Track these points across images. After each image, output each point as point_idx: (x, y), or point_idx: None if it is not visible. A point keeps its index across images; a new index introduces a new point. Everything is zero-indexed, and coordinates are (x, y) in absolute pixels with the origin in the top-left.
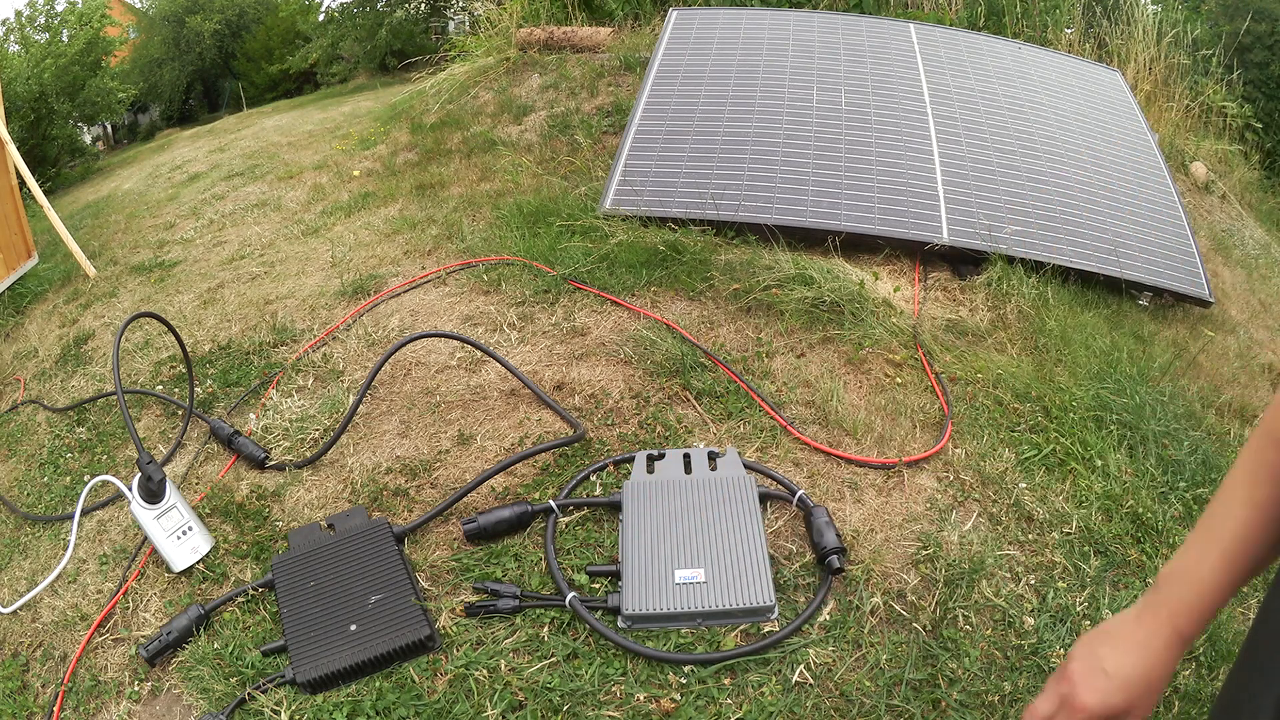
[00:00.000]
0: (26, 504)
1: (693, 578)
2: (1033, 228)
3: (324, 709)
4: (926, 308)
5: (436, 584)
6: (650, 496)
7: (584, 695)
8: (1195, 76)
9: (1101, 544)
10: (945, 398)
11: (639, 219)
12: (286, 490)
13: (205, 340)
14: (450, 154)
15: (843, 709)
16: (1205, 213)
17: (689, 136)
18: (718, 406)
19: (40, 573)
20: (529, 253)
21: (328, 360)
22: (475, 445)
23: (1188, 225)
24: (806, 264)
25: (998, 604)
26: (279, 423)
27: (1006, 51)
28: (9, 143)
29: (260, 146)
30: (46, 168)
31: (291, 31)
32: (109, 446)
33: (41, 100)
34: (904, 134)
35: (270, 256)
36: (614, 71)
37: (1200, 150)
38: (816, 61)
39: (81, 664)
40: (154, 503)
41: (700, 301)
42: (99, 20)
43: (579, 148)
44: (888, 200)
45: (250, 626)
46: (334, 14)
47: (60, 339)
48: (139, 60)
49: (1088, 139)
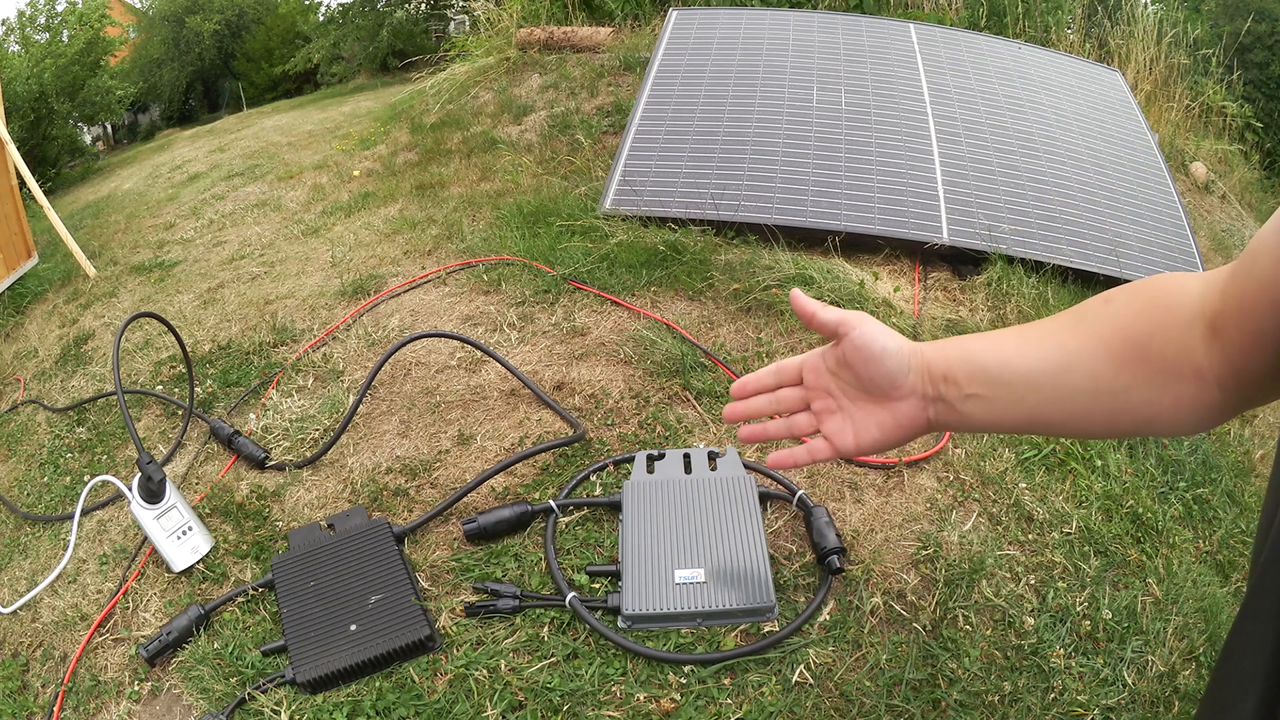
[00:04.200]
0: (26, 504)
1: (693, 578)
2: (1032, 228)
3: (324, 709)
4: (926, 308)
5: (436, 584)
6: (650, 496)
7: (584, 695)
8: (1195, 76)
9: (1101, 544)
10: None
11: (639, 219)
12: (286, 490)
13: (205, 340)
14: (450, 154)
15: (843, 709)
16: (1205, 213)
17: (689, 136)
18: (718, 406)
19: (40, 573)
20: (529, 253)
21: (328, 360)
22: (475, 445)
23: (1188, 225)
24: (806, 264)
25: (998, 604)
26: (279, 423)
27: (1006, 51)
28: (9, 143)
29: (260, 146)
30: (46, 168)
31: (291, 32)
32: (109, 446)
33: (41, 100)
34: (904, 134)
35: (270, 256)
36: (614, 71)
37: (1200, 150)
38: (816, 61)
39: (81, 664)
40: (154, 503)
41: (700, 301)
42: (99, 20)
43: (579, 148)
44: (888, 200)
45: (250, 626)
46: (334, 14)
47: (60, 339)
48: (139, 60)
49: (1088, 139)
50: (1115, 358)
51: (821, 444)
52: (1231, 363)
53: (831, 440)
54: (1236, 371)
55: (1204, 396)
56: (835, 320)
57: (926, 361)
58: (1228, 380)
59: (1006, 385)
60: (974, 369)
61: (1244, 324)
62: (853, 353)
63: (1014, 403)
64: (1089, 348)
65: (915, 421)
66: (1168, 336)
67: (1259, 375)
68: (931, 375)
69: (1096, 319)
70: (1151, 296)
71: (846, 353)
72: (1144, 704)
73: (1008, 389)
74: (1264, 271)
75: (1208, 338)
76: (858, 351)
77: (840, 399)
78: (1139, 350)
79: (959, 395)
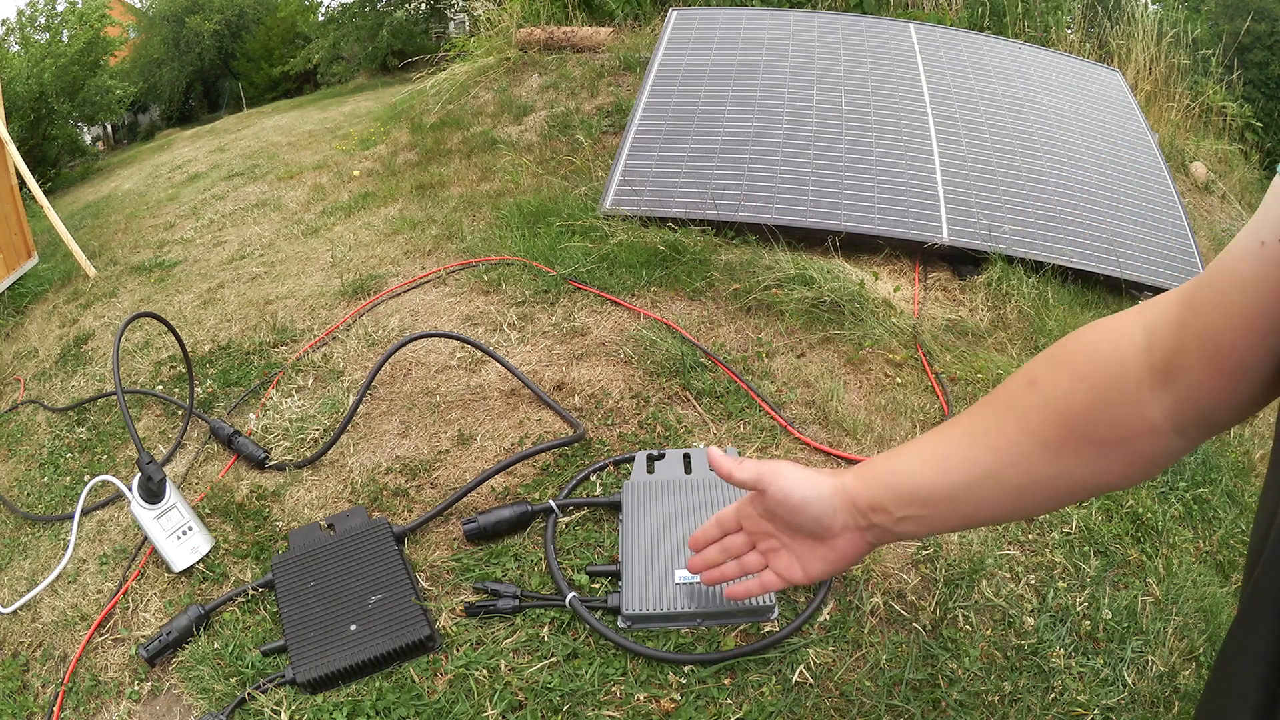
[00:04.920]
0: (26, 504)
1: (693, 578)
2: (1032, 227)
3: (324, 709)
4: (926, 308)
5: (436, 584)
6: (650, 496)
7: (584, 695)
8: (1195, 76)
9: (1101, 544)
10: (945, 398)
11: (639, 219)
12: (286, 490)
13: (205, 340)
14: (450, 154)
15: (843, 709)
16: (1205, 213)
17: (689, 136)
18: (718, 406)
19: (40, 573)
20: (529, 253)
21: (328, 360)
22: (475, 445)
23: (1188, 225)
24: (806, 264)
25: (998, 604)
26: (279, 423)
27: (1006, 51)
28: (9, 143)
29: (260, 146)
30: (46, 168)
31: (291, 32)
32: (109, 446)
33: (41, 100)
34: (904, 134)
35: (270, 256)
36: (614, 71)
37: (1200, 150)
38: (816, 61)
39: (81, 664)
40: (154, 503)
41: (700, 301)
42: (99, 20)
43: (579, 148)
44: (888, 200)
45: (250, 626)
46: (334, 14)
47: (60, 339)
48: (139, 60)
49: (1088, 139)
50: (1050, 446)
51: (771, 576)
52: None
53: (782, 575)
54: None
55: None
56: (752, 477)
57: (851, 498)
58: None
59: (937, 503)
60: (900, 495)
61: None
62: (775, 505)
63: (949, 514)
64: (1018, 444)
65: (856, 548)
66: (1110, 402)
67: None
68: (859, 509)
69: (1024, 409)
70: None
71: (769, 505)
72: (1144, 704)
73: (940, 505)
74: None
75: (1160, 386)
76: (779, 505)
77: (781, 537)
78: (1078, 430)
79: (891, 520)
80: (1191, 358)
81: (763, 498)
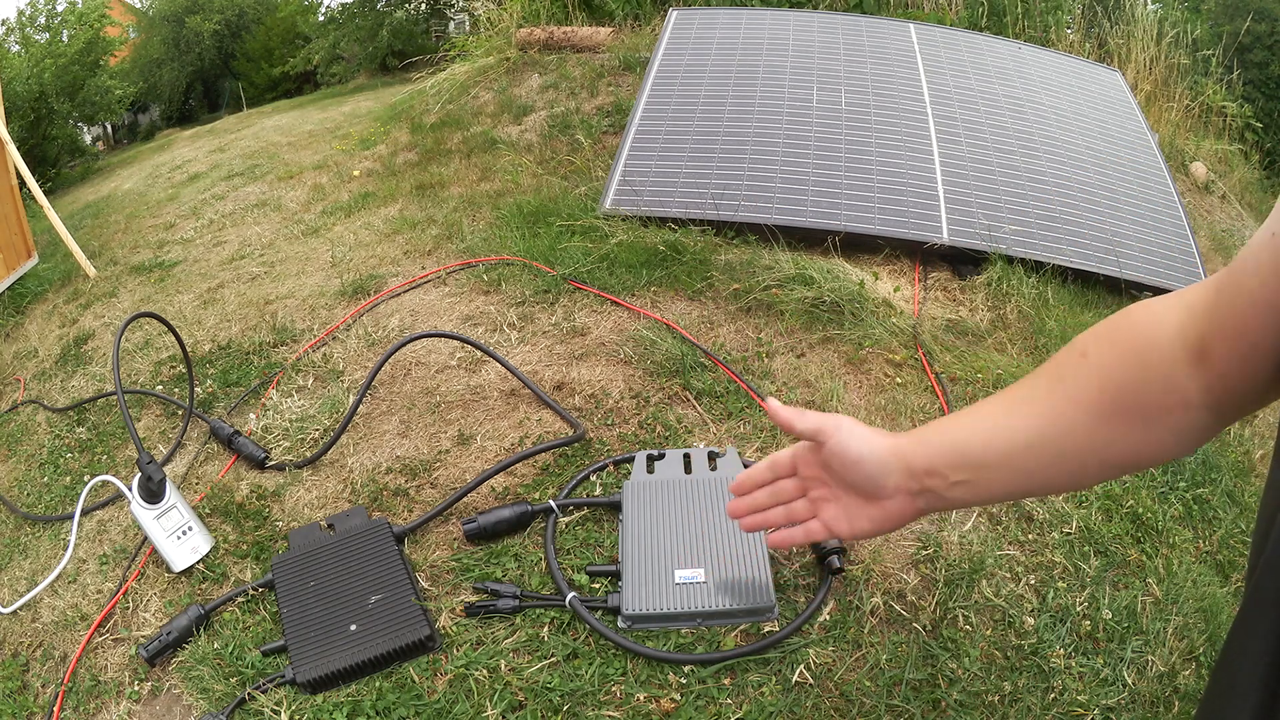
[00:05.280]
0: (26, 504)
1: (693, 578)
2: (1032, 227)
3: (324, 709)
4: (926, 308)
5: (436, 584)
6: (650, 496)
7: (584, 695)
8: (1195, 76)
9: (1101, 544)
10: (945, 398)
11: (639, 219)
12: (286, 490)
13: (205, 340)
14: (450, 154)
15: (843, 709)
16: (1205, 213)
17: (689, 136)
18: (718, 406)
19: (40, 573)
20: (529, 253)
21: (328, 360)
22: (475, 445)
23: (1188, 225)
24: (806, 264)
25: (998, 604)
26: (279, 423)
27: (1006, 51)
28: (9, 143)
29: (260, 146)
30: (46, 168)
31: (291, 32)
32: (109, 446)
33: (41, 100)
34: (904, 134)
35: (270, 256)
36: (614, 71)
37: (1200, 150)
38: (816, 61)
39: (81, 664)
40: (154, 503)
41: (700, 301)
42: (99, 20)
43: (579, 148)
44: (888, 200)
45: (250, 626)
46: (334, 14)
47: (60, 339)
48: (139, 60)
49: (1088, 139)
50: (1100, 416)
51: (817, 525)
52: (1224, 383)
53: (828, 526)
54: (1230, 391)
55: (1192, 423)
56: (813, 428)
57: (907, 461)
58: (1219, 402)
59: (991, 466)
60: (957, 458)
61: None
62: (831, 458)
63: (1000, 480)
64: (1071, 411)
65: (904, 513)
66: (1151, 378)
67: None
68: (914, 472)
69: (1077, 378)
70: (1128, 339)
71: (826, 458)
72: (1144, 704)
73: (993, 469)
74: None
75: (1193, 365)
76: (835, 458)
77: (834, 488)
78: (1123, 401)
79: (945, 485)
80: (1218, 341)
81: (820, 450)
